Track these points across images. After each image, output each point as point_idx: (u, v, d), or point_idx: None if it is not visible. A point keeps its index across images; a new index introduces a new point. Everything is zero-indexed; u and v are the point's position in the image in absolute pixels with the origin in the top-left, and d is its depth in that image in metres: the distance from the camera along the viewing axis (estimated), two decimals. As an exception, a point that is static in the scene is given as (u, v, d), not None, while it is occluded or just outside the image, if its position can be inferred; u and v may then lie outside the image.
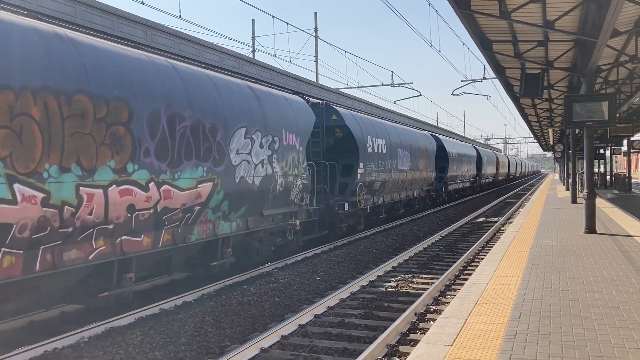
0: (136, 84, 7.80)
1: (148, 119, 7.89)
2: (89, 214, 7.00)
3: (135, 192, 7.69)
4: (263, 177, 10.90)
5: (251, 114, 10.45)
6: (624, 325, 5.23)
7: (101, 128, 7.12)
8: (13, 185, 6.05)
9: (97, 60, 7.32)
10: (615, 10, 7.87)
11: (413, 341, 6.79)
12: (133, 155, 7.62)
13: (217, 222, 9.70)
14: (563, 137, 33.49)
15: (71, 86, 6.74)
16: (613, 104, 11.12)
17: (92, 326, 7.19)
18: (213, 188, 9.29)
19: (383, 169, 18.28)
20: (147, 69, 8.18)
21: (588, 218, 11.99)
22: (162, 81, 8.32)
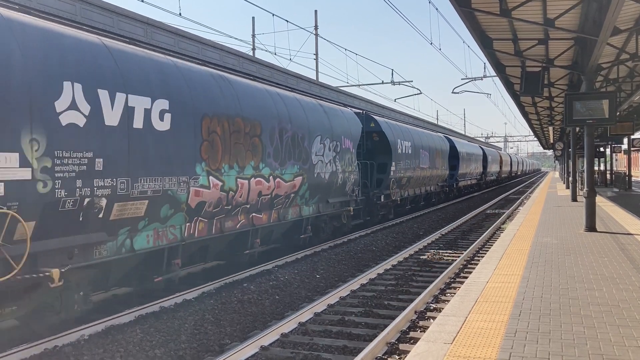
0: (263, 108, 11.12)
1: (269, 132, 11.19)
2: (240, 197, 10.27)
3: (263, 182, 11.00)
4: (330, 173, 14.11)
5: (323, 125, 13.80)
6: (624, 323, 5.23)
7: (247, 139, 10.37)
8: (209, 177, 9.28)
9: (243, 92, 10.65)
10: (616, 8, 7.86)
11: (413, 339, 6.80)
12: (262, 157, 10.92)
13: (302, 206, 13.08)
14: (563, 135, 33.48)
15: (233, 112, 10.00)
16: (613, 102, 11.11)
17: (93, 324, 7.20)
18: (302, 181, 12.63)
19: (409, 167, 21.61)
20: (267, 97, 11.56)
21: (588, 216, 11.99)
22: (275, 105, 11.69)
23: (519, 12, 9.97)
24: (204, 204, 9.23)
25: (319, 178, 13.45)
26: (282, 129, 11.65)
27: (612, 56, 13.33)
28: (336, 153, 14.41)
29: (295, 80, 22.49)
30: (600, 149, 34.90)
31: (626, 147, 35.16)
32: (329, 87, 26.71)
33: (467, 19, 10.50)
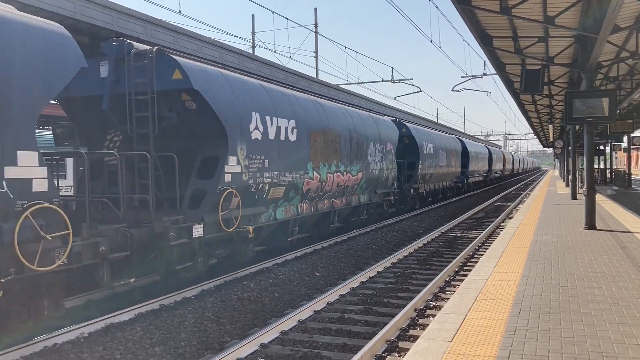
0: (340, 122, 15.21)
1: (344, 140, 15.26)
2: (327, 186, 14.27)
3: (340, 176, 15.03)
4: (379, 170, 18.16)
5: (374, 133, 17.79)
6: (623, 321, 5.23)
7: (332, 145, 14.43)
8: (313, 172, 13.26)
9: (329, 111, 14.77)
10: (616, 6, 7.85)
11: (413, 337, 6.80)
12: (340, 158, 15.02)
13: (360, 195, 17.08)
14: (563, 133, 33.47)
15: (325, 127, 14.11)
16: (613, 100, 11.10)
17: (92, 322, 7.20)
18: (362, 175, 16.67)
19: (431, 165, 25.62)
20: (341, 113, 15.71)
21: (588, 214, 11.99)
22: (346, 119, 15.76)
23: (519, 9, 9.96)
24: (310, 190, 13.38)
25: (372, 174, 17.59)
26: (351, 137, 15.76)
27: (612, 54, 13.32)
28: (382, 154, 18.55)
29: (294, 78, 22.46)
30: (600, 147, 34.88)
31: (626, 145, 35.13)
32: (329, 85, 26.70)
33: (467, 17, 10.49)
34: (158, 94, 9.32)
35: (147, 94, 9.28)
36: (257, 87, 11.47)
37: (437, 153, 26.23)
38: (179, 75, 9.24)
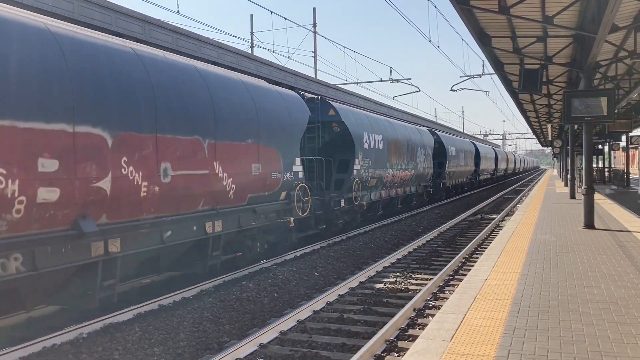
0: (404, 134, 21.08)
1: (404, 146, 20.96)
2: (395, 179, 20.04)
3: (402, 173, 20.71)
4: (422, 168, 23.97)
5: (420, 141, 23.73)
6: (622, 320, 5.24)
7: (399, 150, 20.27)
8: (390, 169, 19.38)
9: (397, 126, 21.08)
10: (615, 5, 7.85)
11: (412, 337, 6.80)
12: (402, 159, 20.68)
13: (410, 187, 22.88)
14: (562, 132, 33.49)
15: (395, 137, 20.13)
16: (612, 100, 11.11)
17: (91, 322, 7.19)
18: (413, 173, 22.45)
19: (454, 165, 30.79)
20: (400, 127, 21.54)
21: (587, 213, 12.00)
22: (405, 132, 21.78)
23: (518, 9, 9.96)
24: (387, 181, 18.96)
25: (418, 171, 23.38)
26: (407, 145, 21.53)
27: (611, 53, 13.33)
28: (425, 156, 24.29)
29: (293, 78, 22.46)
30: (599, 146, 34.92)
31: (624, 145, 35.16)
32: (327, 85, 26.71)
33: (466, 16, 10.49)
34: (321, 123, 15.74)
35: (314, 123, 15.38)
36: (359, 113, 17.91)
37: (458, 155, 31.52)
38: (333, 112, 15.82)
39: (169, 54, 9.34)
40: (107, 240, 7.35)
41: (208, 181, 9.27)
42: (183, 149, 8.65)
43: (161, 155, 8.19)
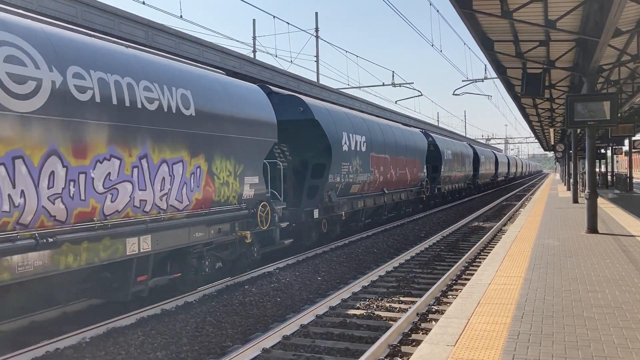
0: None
1: (452, 156, 29.57)
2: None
3: (461, 174, 32.89)
4: (465, 172, 33.46)
5: (467, 153, 34.07)
6: (627, 325, 5.21)
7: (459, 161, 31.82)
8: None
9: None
10: (618, 9, 7.85)
11: (415, 341, 6.78)
12: (461, 165, 32.26)
13: (461, 183, 33.77)
14: (564, 137, 33.44)
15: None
16: (615, 104, 11.09)
17: (94, 326, 7.18)
18: (465, 174, 33.64)
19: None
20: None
21: (590, 218, 11.97)
22: (455, 147, 31.14)
23: (520, 13, 9.96)
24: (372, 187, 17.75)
25: (465, 173, 32.83)
26: (456, 153, 29.99)
27: (614, 58, 13.32)
28: (470, 164, 34.03)
29: (296, 82, 22.49)
30: (601, 150, 34.85)
31: (627, 149, 35.08)
32: (330, 89, 26.74)
33: (468, 21, 10.50)
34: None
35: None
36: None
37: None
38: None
39: (403, 127, 22.51)
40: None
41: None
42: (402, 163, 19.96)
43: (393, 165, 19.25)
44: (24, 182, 6.07)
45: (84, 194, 6.80)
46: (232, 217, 9.91)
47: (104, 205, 7.09)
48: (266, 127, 10.93)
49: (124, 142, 7.39)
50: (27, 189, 6.09)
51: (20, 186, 6.02)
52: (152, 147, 7.86)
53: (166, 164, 8.17)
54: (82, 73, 6.88)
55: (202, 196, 8.99)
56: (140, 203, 7.70)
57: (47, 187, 6.33)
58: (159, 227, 7.99)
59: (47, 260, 6.36)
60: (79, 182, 6.73)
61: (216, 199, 9.41)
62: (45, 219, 6.33)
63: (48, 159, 6.36)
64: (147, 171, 7.80)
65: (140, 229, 7.64)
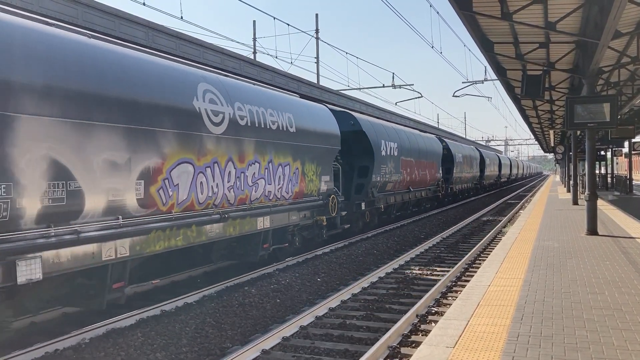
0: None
1: (462, 159, 32.75)
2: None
3: (470, 175, 36.01)
4: (473, 172, 36.87)
5: (475, 156, 37.78)
6: (626, 327, 5.21)
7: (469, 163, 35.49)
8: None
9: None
10: (617, 11, 7.86)
11: (415, 343, 6.78)
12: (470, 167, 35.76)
13: (469, 183, 36.49)
14: (564, 138, 33.46)
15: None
16: (614, 106, 11.10)
17: (93, 327, 7.18)
18: (472, 174, 36.88)
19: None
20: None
21: (590, 220, 11.97)
22: (465, 151, 34.34)
23: (520, 15, 9.97)
24: (401, 186, 20.61)
25: (473, 174, 35.69)
26: (465, 156, 33.13)
27: (613, 59, 13.33)
28: (477, 165, 36.68)
29: (296, 83, 22.50)
30: (601, 152, 34.87)
31: (627, 151, 35.11)
32: (330, 91, 26.75)
33: (468, 23, 10.51)
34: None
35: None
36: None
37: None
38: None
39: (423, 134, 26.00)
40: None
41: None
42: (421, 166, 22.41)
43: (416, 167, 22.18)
44: (218, 178, 9.51)
45: (242, 186, 10.28)
46: (313, 206, 13.33)
47: (251, 194, 10.59)
48: (334, 138, 14.44)
49: (261, 152, 10.83)
50: (219, 182, 9.55)
51: (216, 180, 9.47)
52: (274, 154, 11.37)
53: (281, 167, 11.67)
54: (241, 106, 10.31)
55: (298, 190, 12.48)
56: (268, 193, 11.20)
57: (227, 181, 9.78)
58: (274, 211, 11.36)
59: (222, 229, 9.67)
60: (241, 179, 10.21)
61: (305, 192, 12.89)
62: (225, 202, 9.76)
63: (227, 164, 9.77)
64: (272, 171, 11.30)
65: (265, 212, 11.08)
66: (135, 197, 7.74)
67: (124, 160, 7.53)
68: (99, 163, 7.14)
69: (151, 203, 8.02)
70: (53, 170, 6.49)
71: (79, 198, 6.85)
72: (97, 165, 7.12)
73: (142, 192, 7.84)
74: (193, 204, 8.93)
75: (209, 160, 9.25)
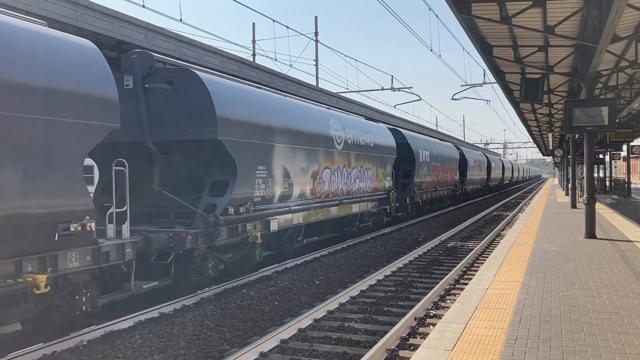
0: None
1: (473, 163, 37.82)
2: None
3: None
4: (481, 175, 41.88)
5: (482, 161, 42.17)
6: (624, 330, 5.22)
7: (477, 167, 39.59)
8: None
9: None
10: (616, 15, 7.88)
11: (413, 346, 6.78)
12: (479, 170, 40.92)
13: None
14: (563, 142, 33.50)
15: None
16: (613, 109, 11.13)
17: (92, 329, 7.18)
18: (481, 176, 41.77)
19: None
20: (473, 153, 40.31)
21: (588, 223, 11.98)
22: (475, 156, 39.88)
23: (519, 18, 9.99)
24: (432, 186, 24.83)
25: (482, 176, 41.11)
26: (479, 163, 40.02)
27: (612, 63, 13.36)
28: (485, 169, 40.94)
29: (295, 86, 22.52)
30: (600, 155, 34.92)
31: (625, 154, 35.15)
32: (329, 93, 26.77)
33: (467, 26, 10.53)
34: None
35: None
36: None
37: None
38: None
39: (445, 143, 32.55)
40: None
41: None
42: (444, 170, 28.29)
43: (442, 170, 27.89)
44: (339, 177, 14.90)
45: (349, 183, 15.60)
46: (381, 198, 18.65)
47: (352, 188, 15.90)
48: (393, 149, 19.78)
49: (357, 160, 16.17)
50: (340, 180, 14.96)
51: (338, 179, 14.84)
52: (364, 162, 16.77)
53: (367, 170, 17.12)
54: (349, 131, 15.66)
55: (374, 187, 17.91)
56: (359, 188, 16.47)
57: (342, 180, 15.09)
58: (362, 200, 16.68)
59: (337, 211, 14.90)
60: (349, 178, 15.60)
61: (377, 188, 18.28)
62: (340, 193, 15.04)
63: (343, 168, 15.18)
64: (362, 174, 16.69)
65: (357, 200, 16.30)
66: (309, 188, 13.10)
67: (306, 167, 12.85)
68: (297, 168, 12.40)
69: (314, 192, 13.40)
70: (285, 173, 11.86)
71: (292, 188, 12.15)
72: (297, 170, 12.38)
73: (312, 185, 13.16)
74: (329, 194, 14.32)
75: (336, 166, 14.70)
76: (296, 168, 12.32)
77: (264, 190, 11.03)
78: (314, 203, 13.26)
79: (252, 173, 10.60)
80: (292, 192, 12.15)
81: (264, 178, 11.04)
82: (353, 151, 15.75)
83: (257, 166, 10.76)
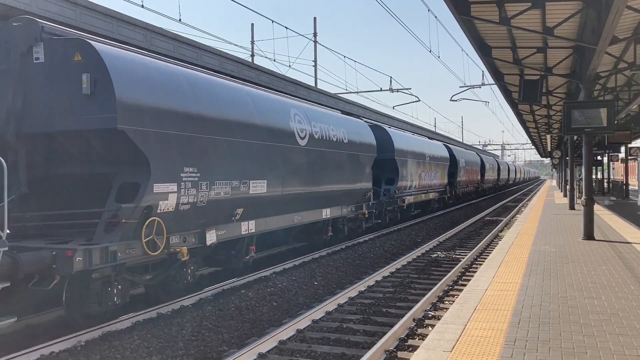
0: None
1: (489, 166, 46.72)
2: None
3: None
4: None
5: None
6: (623, 332, 5.22)
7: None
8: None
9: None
10: (615, 17, 7.89)
11: (412, 347, 6.77)
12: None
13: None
14: (561, 143, 33.55)
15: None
16: (611, 111, 11.14)
17: (89, 330, 7.16)
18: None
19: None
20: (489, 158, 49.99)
21: (586, 224, 11.99)
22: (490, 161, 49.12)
23: (518, 20, 10.00)
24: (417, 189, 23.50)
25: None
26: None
27: (611, 65, 13.38)
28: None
29: (294, 87, 22.52)
30: (598, 157, 34.97)
31: (623, 156, 35.21)
32: (327, 94, 26.78)
33: (467, 27, 10.54)
34: None
35: None
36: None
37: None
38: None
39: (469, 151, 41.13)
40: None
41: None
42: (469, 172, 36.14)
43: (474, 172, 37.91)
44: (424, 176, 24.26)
45: (425, 180, 24.05)
46: (440, 190, 26.71)
47: (425, 183, 24.01)
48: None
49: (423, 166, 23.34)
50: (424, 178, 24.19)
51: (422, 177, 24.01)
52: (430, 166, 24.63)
53: (434, 172, 25.10)
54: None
55: (439, 183, 26.49)
56: (431, 183, 24.84)
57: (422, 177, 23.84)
58: (430, 191, 24.77)
59: (423, 197, 24.38)
60: (426, 177, 24.48)
61: (439, 183, 26.11)
62: (422, 185, 23.85)
63: (423, 171, 24.54)
64: (430, 174, 24.63)
65: (430, 191, 25.02)
66: (419, 183, 20.66)
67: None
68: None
69: (420, 185, 19.86)
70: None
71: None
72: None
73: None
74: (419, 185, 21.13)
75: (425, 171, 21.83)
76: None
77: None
78: (417, 191, 19.05)
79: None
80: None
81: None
82: (424, 160, 19.35)
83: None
